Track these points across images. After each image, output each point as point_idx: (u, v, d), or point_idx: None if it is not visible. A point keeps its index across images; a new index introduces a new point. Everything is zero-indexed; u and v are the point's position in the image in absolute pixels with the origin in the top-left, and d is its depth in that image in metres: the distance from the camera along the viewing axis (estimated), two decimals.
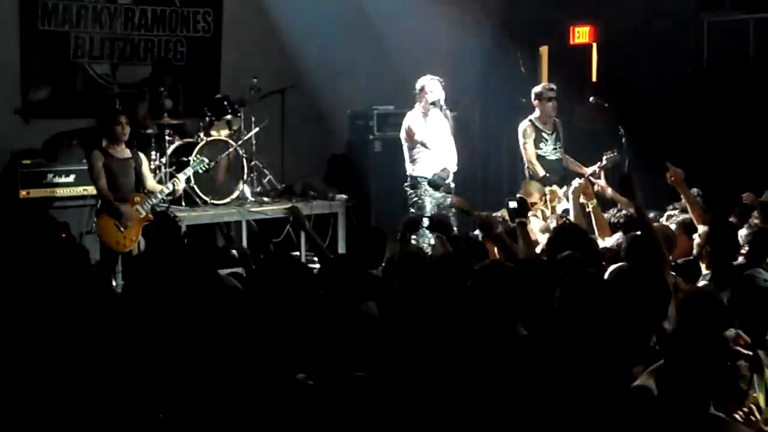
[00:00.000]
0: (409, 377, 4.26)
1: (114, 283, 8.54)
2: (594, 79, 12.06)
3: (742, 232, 6.20)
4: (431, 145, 9.41)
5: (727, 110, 10.81)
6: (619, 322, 4.37)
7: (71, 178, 9.97)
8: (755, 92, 10.72)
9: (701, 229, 6.37)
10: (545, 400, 3.94)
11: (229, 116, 10.68)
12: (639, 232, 5.81)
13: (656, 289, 4.64)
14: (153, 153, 10.04)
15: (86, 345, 4.49)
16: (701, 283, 5.82)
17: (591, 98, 9.96)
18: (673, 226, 6.77)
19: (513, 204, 6.64)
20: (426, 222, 6.56)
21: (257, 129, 10.87)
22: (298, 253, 10.07)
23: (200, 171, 9.62)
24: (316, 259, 7.21)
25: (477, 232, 7.01)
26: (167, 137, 10.36)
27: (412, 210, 9.31)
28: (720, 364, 3.82)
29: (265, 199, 11.02)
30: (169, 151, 10.27)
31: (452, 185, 9.57)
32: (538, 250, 6.64)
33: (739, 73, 10.93)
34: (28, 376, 4.33)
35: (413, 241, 7.26)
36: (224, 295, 5.03)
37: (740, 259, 6.01)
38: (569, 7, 12.16)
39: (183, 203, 10.15)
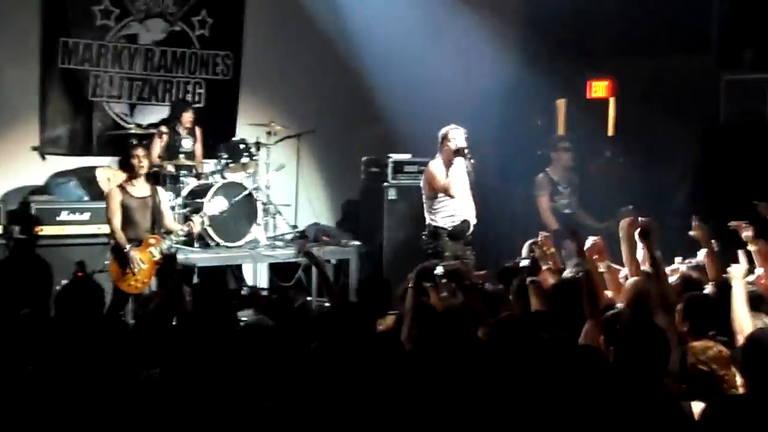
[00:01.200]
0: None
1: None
2: (611, 133, 12.05)
3: None
4: (455, 192, 9.23)
5: (744, 169, 10.77)
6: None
7: (86, 216, 9.92)
8: None
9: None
10: None
11: (245, 159, 10.70)
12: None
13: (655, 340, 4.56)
14: (168, 194, 10.03)
15: (98, 382, 4.47)
16: None
17: (607, 153, 9.95)
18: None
19: (525, 263, 6.62)
20: (440, 270, 6.50)
21: (273, 173, 10.88)
22: (309, 298, 10.05)
23: (216, 214, 9.54)
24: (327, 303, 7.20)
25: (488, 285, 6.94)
26: (183, 178, 10.37)
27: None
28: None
29: (278, 243, 11.01)
30: (184, 193, 10.27)
31: (470, 237, 9.47)
32: None
33: (756, 131, 10.91)
34: (41, 409, 4.30)
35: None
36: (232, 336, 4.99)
37: None
38: (587, 61, 12.19)
39: (195, 245, 10.14)
